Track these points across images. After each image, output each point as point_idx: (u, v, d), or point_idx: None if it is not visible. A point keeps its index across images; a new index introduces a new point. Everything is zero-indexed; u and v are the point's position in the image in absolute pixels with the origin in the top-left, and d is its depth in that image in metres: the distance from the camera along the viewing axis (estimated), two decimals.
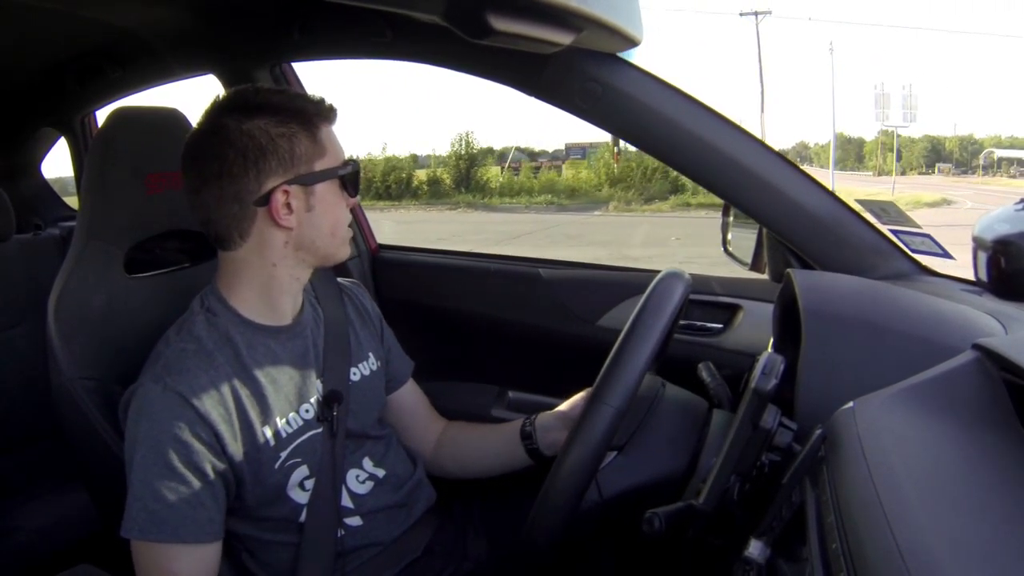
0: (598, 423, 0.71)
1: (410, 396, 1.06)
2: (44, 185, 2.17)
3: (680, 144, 1.00)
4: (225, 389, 0.79)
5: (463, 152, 19.14)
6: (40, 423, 1.04)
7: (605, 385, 0.72)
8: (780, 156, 1.01)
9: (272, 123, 0.79)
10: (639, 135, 1.02)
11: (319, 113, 0.82)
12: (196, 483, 0.76)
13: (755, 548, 0.58)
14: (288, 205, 0.80)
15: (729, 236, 1.22)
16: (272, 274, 0.84)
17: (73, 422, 0.89)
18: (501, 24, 0.71)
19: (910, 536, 0.40)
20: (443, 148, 21.17)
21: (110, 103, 1.76)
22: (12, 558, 1.31)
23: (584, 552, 0.93)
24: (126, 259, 0.96)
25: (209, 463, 0.77)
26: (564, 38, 0.80)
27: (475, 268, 1.46)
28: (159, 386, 0.77)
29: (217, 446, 0.78)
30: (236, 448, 0.79)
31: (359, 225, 1.51)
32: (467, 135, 19.53)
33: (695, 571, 0.73)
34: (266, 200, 0.80)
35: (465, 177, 18.71)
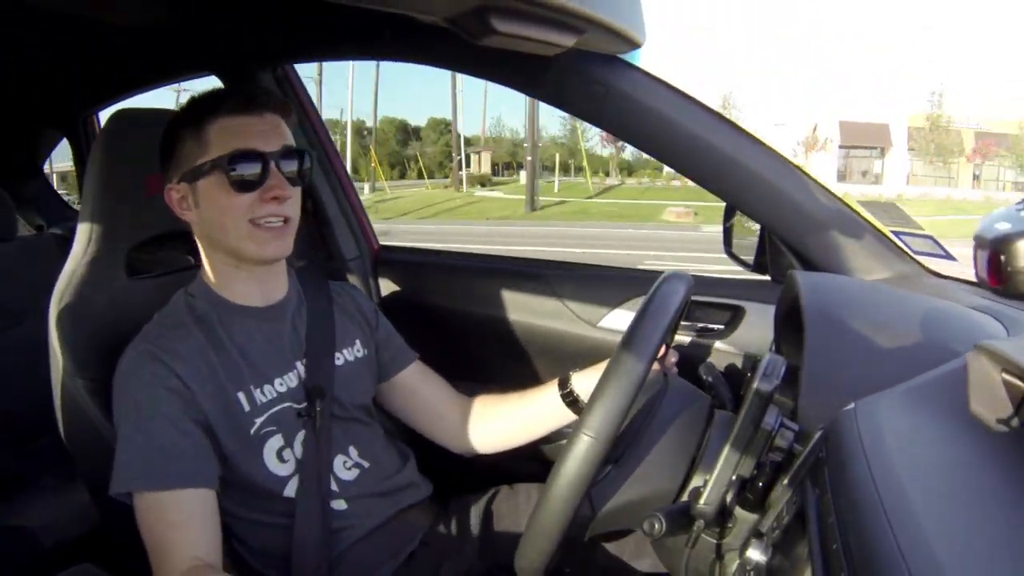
0: (585, 454, 0.65)
1: (416, 377, 1.07)
2: (46, 185, 2.17)
3: (683, 146, 1.00)
4: (197, 354, 0.84)
5: None
6: (41, 422, 1.04)
7: (592, 414, 0.66)
8: (783, 157, 1.01)
9: (179, 124, 0.85)
10: (642, 137, 1.02)
11: (211, 106, 0.83)
12: (173, 431, 0.79)
13: (756, 548, 0.58)
14: (181, 201, 0.86)
15: (732, 237, 1.22)
16: (218, 260, 0.89)
17: (73, 421, 0.90)
18: (503, 26, 0.71)
19: (911, 537, 0.40)
20: None
21: (112, 103, 1.77)
22: (12, 556, 1.31)
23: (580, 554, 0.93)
24: (127, 260, 0.96)
25: (185, 413, 0.81)
26: (567, 40, 0.80)
27: (477, 269, 1.46)
28: (135, 351, 0.84)
29: (189, 395, 0.82)
30: (210, 405, 0.83)
31: (360, 225, 1.51)
32: None
33: (695, 571, 0.73)
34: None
35: None
